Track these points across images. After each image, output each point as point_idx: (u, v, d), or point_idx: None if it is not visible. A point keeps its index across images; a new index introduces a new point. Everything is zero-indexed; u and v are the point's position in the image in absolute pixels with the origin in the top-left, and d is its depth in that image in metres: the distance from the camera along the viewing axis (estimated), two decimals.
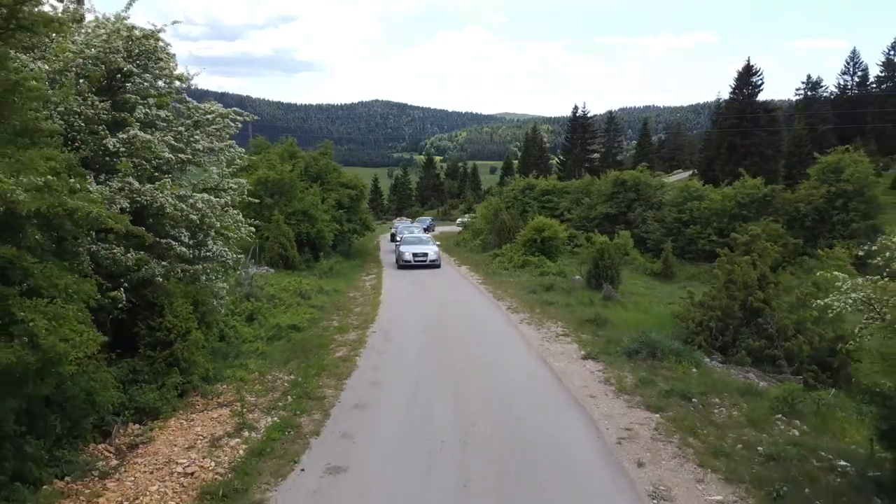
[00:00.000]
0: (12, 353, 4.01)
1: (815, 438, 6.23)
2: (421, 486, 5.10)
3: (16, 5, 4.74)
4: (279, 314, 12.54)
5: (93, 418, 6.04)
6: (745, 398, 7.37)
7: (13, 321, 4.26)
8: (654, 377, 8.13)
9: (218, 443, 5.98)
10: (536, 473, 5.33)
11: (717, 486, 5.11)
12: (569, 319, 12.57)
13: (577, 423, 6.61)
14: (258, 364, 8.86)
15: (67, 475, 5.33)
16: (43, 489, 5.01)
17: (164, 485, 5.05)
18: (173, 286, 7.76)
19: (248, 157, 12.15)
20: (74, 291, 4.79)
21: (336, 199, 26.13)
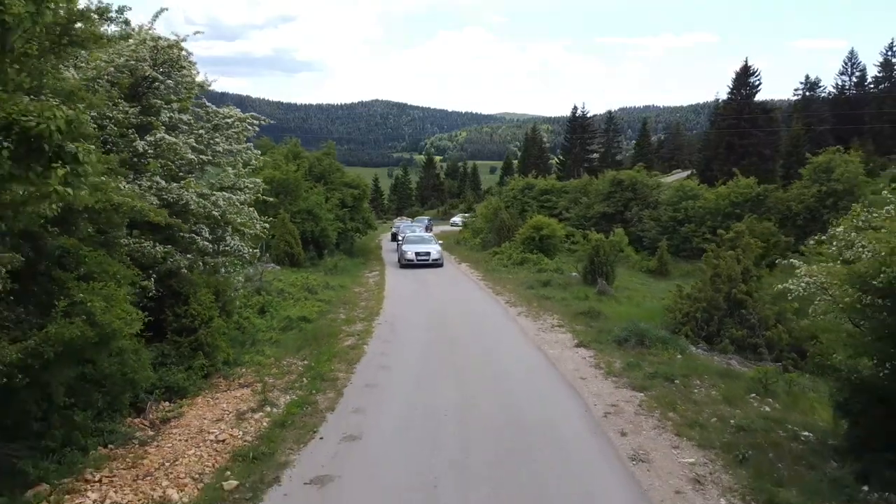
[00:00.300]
0: (76, 329, 4.65)
1: (785, 414, 6.87)
2: (427, 451, 5.74)
3: (69, 23, 5.35)
4: (289, 307, 13.18)
5: (129, 395, 6.68)
6: (723, 380, 8.02)
7: (73, 302, 4.90)
8: (640, 362, 8.77)
9: (243, 416, 6.62)
10: (530, 441, 5.97)
11: (691, 451, 5.75)
12: (564, 312, 13.20)
13: (567, 401, 7.26)
14: (273, 351, 9.50)
15: (110, 443, 5.96)
16: (91, 453, 5.64)
17: (199, 449, 5.69)
18: (196, 277, 8.40)
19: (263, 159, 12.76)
20: (122, 277, 5.43)
21: (339, 198, 26.77)
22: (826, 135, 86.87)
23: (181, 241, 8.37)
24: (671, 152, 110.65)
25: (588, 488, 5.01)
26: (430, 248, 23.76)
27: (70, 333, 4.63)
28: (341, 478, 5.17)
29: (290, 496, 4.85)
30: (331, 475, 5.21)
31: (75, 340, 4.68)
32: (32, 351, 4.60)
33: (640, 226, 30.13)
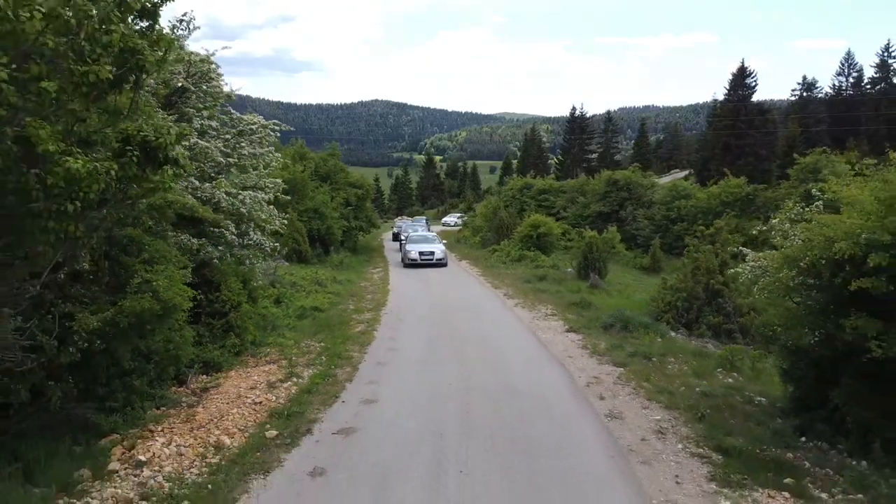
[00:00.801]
0: (146, 302, 5.64)
1: (745, 384, 7.87)
2: (434, 409, 6.74)
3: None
4: (302, 298, 14.18)
5: (173, 368, 7.67)
6: (695, 358, 9.02)
7: (142, 281, 5.89)
8: (623, 344, 9.77)
9: (274, 385, 7.62)
10: (521, 403, 6.97)
11: (658, 411, 6.75)
12: (557, 303, 14.20)
13: (555, 374, 8.26)
14: (292, 335, 10.50)
15: (162, 406, 6.95)
16: (148, 413, 6.63)
17: (240, 409, 6.69)
18: (226, 267, 9.40)
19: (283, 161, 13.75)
20: (177, 261, 6.42)
21: (344, 197, 27.77)
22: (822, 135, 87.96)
23: (212, 235, 9.37)
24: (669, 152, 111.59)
25: (568, 435, 6.01)
26: (434, 248, 23.73)
27: (141, 306, 5.62)
28: (363, 429, 6.16)
29: (322, 442, 5.85)
30: (354, 428, 6.21)
31: (145, 312, 5.67)
32: (110, 321, 5.59)
33: (634, 224, 31.09)
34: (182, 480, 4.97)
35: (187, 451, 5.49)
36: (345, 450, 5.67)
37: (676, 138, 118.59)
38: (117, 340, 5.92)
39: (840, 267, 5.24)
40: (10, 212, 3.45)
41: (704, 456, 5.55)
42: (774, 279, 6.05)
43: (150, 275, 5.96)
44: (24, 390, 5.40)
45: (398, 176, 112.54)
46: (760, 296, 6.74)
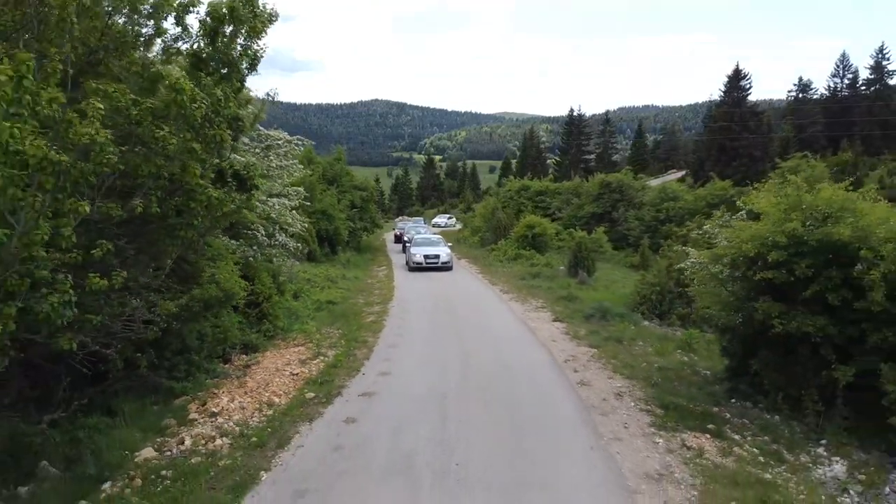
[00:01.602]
0: (213, 290, 7.18)
1: (697, 361, 9.42)
2: (438, 379, 8.28)
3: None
4: (317, 293, 15.72)
5: (220, 348, 9.22)
6: (660, 341, 10.56)
7: (210, 275, 7.43)
8: (600, 330, 11.32)
9: (305, 362, 9.17)
10: (510, 375, 8.51)
11: (620, 381, 8.30)
12: (547, 298, 15.75)
13: (540, 353, 9.81)
14: (314, 323, 12.04)
15: (215, 377, 8.50)
16: (206, 381, 8.17)
17: (281, 379, 8.24)
18: (259, 264, 10.94)
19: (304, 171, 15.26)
20: (231, 258, 7.95)
21: (350, 200, 29.31)
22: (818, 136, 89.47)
23: (246, 237, 10.91)
24: (667, 153, 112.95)
25: (545, 397, 7.55)
26: (439, 251, 23.18)
27: (208, 294, 7.17)
28: (381, 393, 7.71)
29: (350, 401, 7.39)
30: (374, 392, 7.75)
31: (211, 299, 7.22)
32: (185, 306, 7.12)
33: (625, 225, 32.64)
34: (247, 425, 6.52)
35: (248, 406, 7.05)
36: (369, 406, 7.22)
37: (674, 139, 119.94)
38: (188, 322, 7.48)
39: (753, 262, 6.79)
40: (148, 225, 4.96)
41: (650, 410, 7.11)
42: (708, 273, 7.60)
43: (213, 269, 7.50)
44: (120, 360, 6.93)
45: (398, 176, 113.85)
46: (699, 286, 8.29)
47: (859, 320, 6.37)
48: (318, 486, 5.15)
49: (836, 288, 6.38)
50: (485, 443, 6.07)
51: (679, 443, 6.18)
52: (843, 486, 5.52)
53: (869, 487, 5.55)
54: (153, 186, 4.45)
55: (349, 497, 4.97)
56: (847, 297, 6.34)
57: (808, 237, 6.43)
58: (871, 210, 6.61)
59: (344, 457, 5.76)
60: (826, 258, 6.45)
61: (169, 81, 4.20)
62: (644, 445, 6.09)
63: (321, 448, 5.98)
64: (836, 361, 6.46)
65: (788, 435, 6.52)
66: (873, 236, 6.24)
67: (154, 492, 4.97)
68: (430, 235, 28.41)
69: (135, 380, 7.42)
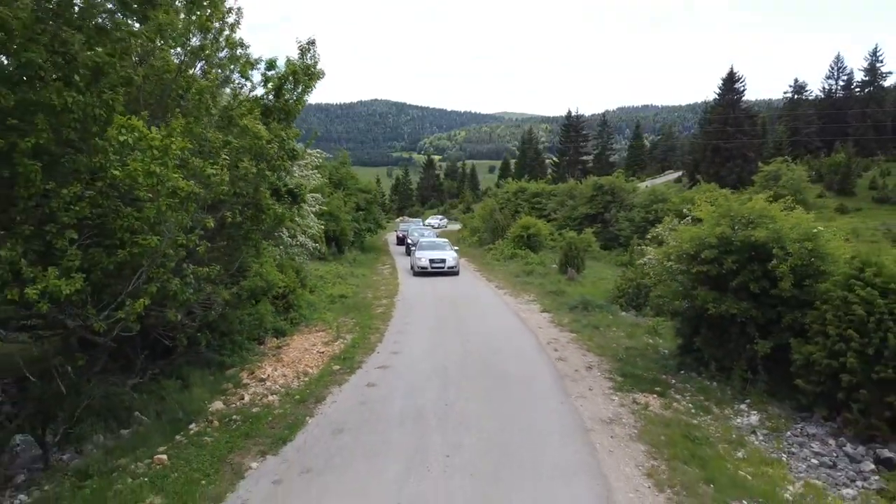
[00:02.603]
0: (259, 281, 8.85)
1: (660, 343, 11.08)
2: (440, 357, 9.95)
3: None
4: (329, 288, 17.38)
5: (257, 331, 10.89)
6: (631, 328, 12.24)
7: (255, 269, 9.10)
8: (580, 319, 13.00)
9: (328, 343, 10.84)
10: (502, 354, 10.18)
11: (592, 357, 9.97)
12: (538, 292, 17.43)
13: (528, 337, 11.48)
14: (330, 314, 13.70)
15: (254, 356, 10.16)
16: (249, 357, 9.83)
17: (310, 356, 9.91)
18: (284, 261, 12.61)
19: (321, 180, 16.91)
20: (270, 254, 9.62)
21: (355, 202, 30.98)
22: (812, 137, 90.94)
23: (273, 238, 12.57)
24: (664, 153, 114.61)
25: (529, 369, 9.22)
26: (445, 255, 22.87)
27: (255, 284, 8.84)
28: (394, 367, 9.38)
29: (369, 372, 9.07)
30: (388, 365, 9.43)
31: (257, 288, 8.89)
32: (236, 294, 8.80)
33: (617, 225, 34.32)
34: (290, 388, 8.20)
35: (287, 374, 8.73)
36: (384, 376, 8.89)
37: (671, 140, 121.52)
38: (236, 308, 9.15)
39: (692, 259, 8.47)
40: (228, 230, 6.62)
41: (612, 378, 8.78)
42: (662, 268, 9.27)
43: (257, 265, 9.17)
44: (184, 338, 8.60)
45: (398, 177, 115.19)
46: (655, 279, 9.96)
47: (775, 304, 8.05)
48: (351, 427, 6.83)
49: (757, 279, 8.05)
50: (478, 401, 7.74)
51: (630, 400, 7.86)
52: (752, 430, 7.21)
53: (773, 431, 7.23)
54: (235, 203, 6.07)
55: (374, 433, 6.64)
56: (765, 286, 8.02)
57: (734, 238, 8.11)
58: (785, 217, 8.28)
59: (368, 409, 7.44)
60: (748, 255, 8.13)
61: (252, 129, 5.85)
62: (602, 402, 7.77)
63: (350, 403, 7.66)
64: (758, 337, 8.15)
65: (720, 396, 8.19)
66: (785, 238, 7.91)
67: (230, 429, 6.65)
68: (435, 239, 27.58)
69: (193, 355, 9.09)
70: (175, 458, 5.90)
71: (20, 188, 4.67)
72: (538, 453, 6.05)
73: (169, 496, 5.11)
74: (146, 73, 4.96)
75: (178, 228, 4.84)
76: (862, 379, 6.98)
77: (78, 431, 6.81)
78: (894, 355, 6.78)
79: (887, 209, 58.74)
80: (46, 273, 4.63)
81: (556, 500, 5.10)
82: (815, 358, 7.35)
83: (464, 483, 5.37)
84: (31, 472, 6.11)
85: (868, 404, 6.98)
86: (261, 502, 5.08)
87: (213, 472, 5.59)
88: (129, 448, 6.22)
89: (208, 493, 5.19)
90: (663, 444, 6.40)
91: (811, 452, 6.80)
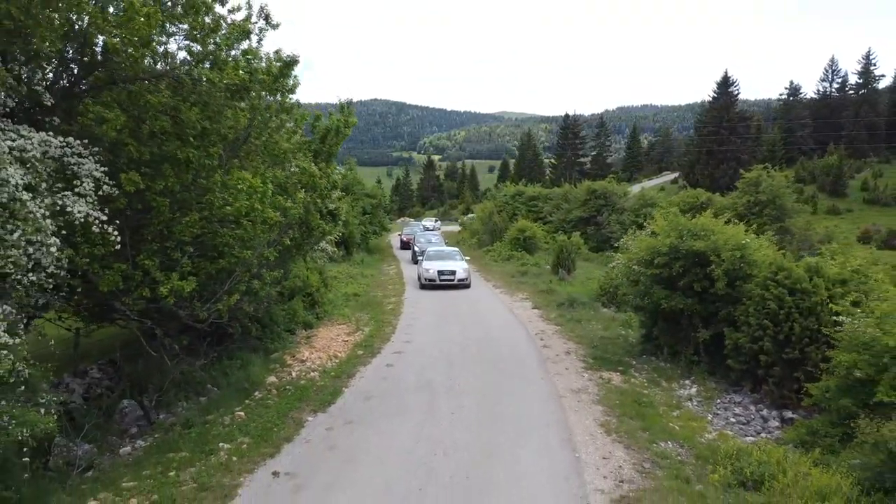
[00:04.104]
0: (297, 281, 10.85)
1: (631, 333, 13.07)
2: (445, 346, 11.95)
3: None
4: (343, 287, 19.37)
5: (291, 323, 12.89)
6: (608, 321, 14.24)
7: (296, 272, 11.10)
8: (566, 314, 15.01)
9: (350, 334, 12.85)
10: (497, 342, 12.19)
11: (571, 344, 11.99)
12: (531, 291, 19.44)
13: (519, 330, 13.50)
14: (347, 311, 15.71)
15: (290, 343, 12.15)
16: (286, 345, 11.83)
17: (337, 344, 11.92)
18: (309, 264, 14.61)
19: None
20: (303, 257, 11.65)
21: (362, 206, 32.99)
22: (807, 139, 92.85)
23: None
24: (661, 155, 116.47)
25: (519, 354, 11.23)
26: (455, 266, 20.96)
27: (294, 284, 10.84)
28: (407, 352, 11.38)
29: (386, 356, 11.07)
30: (402, 351, 11.44)
31: (295, 287, 10.88)
32: (279, 292, 10.80)
33: (608, 228, 36.33)
34: (325, 367, 10.21)
35: (322, 357, 10.74)
36: (400, 359, 10.90)
37: (667, 141, 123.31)
38: (278, 303, 11.16)
39: (649, 263, 10.48)
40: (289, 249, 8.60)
41: (585, 361, 10.79)
42: (627, 270, 11.29)
43: (295, 267, 11.17)
44: (238, 327, 10.60)
45: (399, 178, 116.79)
46: (622, 279, 11.96)
47: (714, 301, 10.06)
48: (377, 394, 8.83)
49: (699, 280, 10.06)
50: (476, 377, 9.75)
51: (597, 376, 9.87)
52: (689, 398, 9.22)
53: (706, 400, 9.24)
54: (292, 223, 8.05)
55: (396, 399, 8.64)
56: (706, 286, 10.03)
57: (681, 247, 10.11)
58: (723, 230, 10.28)
59: (389, 382, 9.45)
60: (693, 260, 10.13)
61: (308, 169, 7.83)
62: (575, 377, 9.78)
63: (374, 378, 9.67)
64: (701, 327, 10.16)
65: (670, 374, 10.21)
66: (720, 248, 9.92)
67: (286, 396, 8.66)
68: (443, 247, 25.59)
69: (244, 342, 11.10)
70: (250, 414, 7.92)
71: (153, 217, 6.66)
72: (521, 412, 8.06)
73: (253, 437, 7.12)
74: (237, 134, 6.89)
75: (264, 245, 6.79)
76: (776, 359, 8.98)
77: (166, 399, 8.82)
78: (799, 340, 8.79)
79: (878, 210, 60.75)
80: (170, 276, 6.63)
81: (533, 438, 7.11)
82: (741, 343, 9.36)
83: (464, 430, 7.38)
84: (139, 427, 8.12)
85: (781, 379, 8.99)
86: (319, 441, 7.09)
87: (281, 423, 7.60)
88: (211, 409, 8.23)
89: (281, 436, 7.20)
90: (617, 406, 8.41)
91: (732, 414, 8.81)
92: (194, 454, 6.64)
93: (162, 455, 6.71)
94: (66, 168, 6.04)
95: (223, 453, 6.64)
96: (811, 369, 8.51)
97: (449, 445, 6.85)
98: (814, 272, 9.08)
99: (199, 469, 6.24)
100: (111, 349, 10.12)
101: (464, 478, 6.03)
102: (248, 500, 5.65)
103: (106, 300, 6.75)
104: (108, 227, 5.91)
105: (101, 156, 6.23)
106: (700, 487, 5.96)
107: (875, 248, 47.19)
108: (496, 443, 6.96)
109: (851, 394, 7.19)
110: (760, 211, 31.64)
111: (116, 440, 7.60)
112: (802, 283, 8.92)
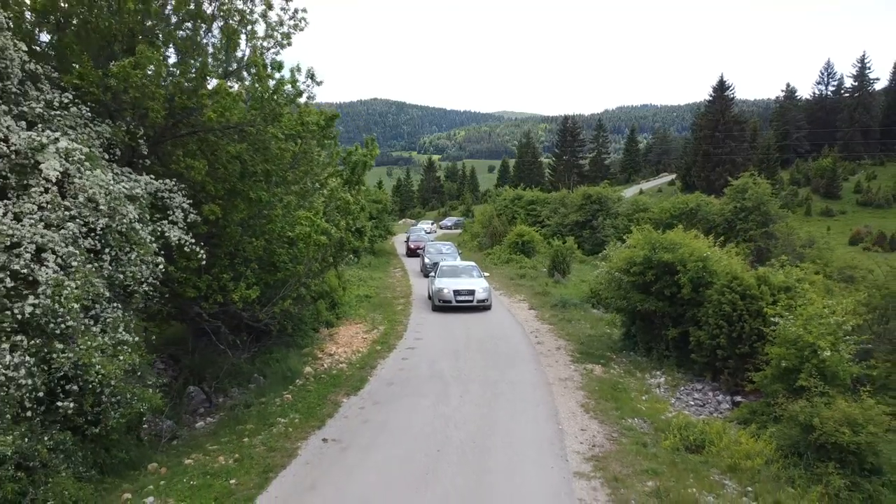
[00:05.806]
0: (324, 285, 12.62)
1: (615, 331, 14.86)
2: (451, 342, 13.73)
3: None
4: (355, 289, 21.14)
5: (316, 323, 14.66)
6: (596, 321, 16.03)
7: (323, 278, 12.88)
8: (559, 314, 16.81)
9: (367, 332, 14.64)
10: (496, 340, 13.97)
11: (561, 341, 13.77)
12: (528, 293, 21.24)
13: (516, 328, 15.29)
14: (362, 311, 17.49)
15: (317, 341, 13.92)
16: (313, 341, 13.59)
17: (358, 340, 13.70)
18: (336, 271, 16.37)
19: None
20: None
21: (369, 211, 34.74)
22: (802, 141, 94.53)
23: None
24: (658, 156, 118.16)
25: (515, 349, 13.02)
26: (473, 284, 18.19)
27: (321, 287, 12.61)
28: (419, 347, 13.17)
29: (401, 351, 12.86)
30: (414, 347, 13.22)
31: (322, 291, 12.66)
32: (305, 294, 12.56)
33: (603, 232, 38.12)
34: (350, 360, 11.99)
35: (346, 352, 12.53)
36: (413, 353, 12.68)
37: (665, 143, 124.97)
38: (307, 304, 12.95)
39: (627, 271, 12.26)
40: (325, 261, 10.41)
41: (573, 355, 12.58)
42: (609, 276, 13.07)
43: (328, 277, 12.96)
44: (276, 326, 12.36)
45: (400, 178, 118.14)
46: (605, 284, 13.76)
47: (682, 304, 11.84)
48: (397, 382, 10.62)
49: (669, 286, 11.84)
50: (480, 368, 11.53)
51: (582, 368, 11.66)
52: (657, 386, 11.01)
53: (671, 387, 11.03)
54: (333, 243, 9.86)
55: (413, 385, 10.42)
56: (674, 291, 11.81)
57: (653, 258, 11.89)
58: (689, 243, 12.07)
59: (406, 372, 11.23)
60: (663, 269, 11.92)
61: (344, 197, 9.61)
62: (563, 368, 11.57)
63: (393, 369, 11.46)
64: (671, 326, 11.94)
65: (644, 366, 12.00)
66: (685, 259, 11.70)
67: (323, 382, 10.45)
68: (458, 262, 22.22)
69: (279, 338, 12.87)
70: (295, 397, 9.71)
71: (226, 240, 8.44)
72: (516, 395, 9.84)
73: (302, 414, 8.90)
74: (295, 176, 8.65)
75: (312, 261, 8.54)
76: (730, 353, 10.76)
77: (221, 386, 10.60)
78: (749, 337, 10.57)
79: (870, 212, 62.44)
80: (239, 286, 8.41)
81: (526, 414, 8.89)
82: (702, 340, 11.14)
83: (471, 407, 9.16)
84: (204, 408, 9.90)
85: (734, 370, 10.77)
86: (355, 416, 8.87)
87: (322, 404, 9.38)
88: (263, 393, 10.01)
89: (324, 413, 8.98)
90: (596, 391, 10.20)
91: (692, 399, 10.61)
92: (258, 426, 8.42)
93: (232, 427, 8.49)
94: (159, 200, 7.82)
95: (281, 426, 8.42)
96: (758, 362, 10.28)
97: (459, 420, 8.63)
98: (762, 280, 10.87)
99: (265, 436, 8.02)
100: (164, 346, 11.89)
101: (471, 442, 7.81)
102: (308, 457, 7.43)
103: (186, 305, 8.52)
104: (195, 247, 7.69)
105: (185, 191, 8.01)
106: (654, 450, 7.74)
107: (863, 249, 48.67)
108: (496, 418, 8.74)
109: (782, 380, 8.96)
110: (746, 216, 33.48)
111: (189, 418, 9.38)
112: (752, 289, 10.71)
